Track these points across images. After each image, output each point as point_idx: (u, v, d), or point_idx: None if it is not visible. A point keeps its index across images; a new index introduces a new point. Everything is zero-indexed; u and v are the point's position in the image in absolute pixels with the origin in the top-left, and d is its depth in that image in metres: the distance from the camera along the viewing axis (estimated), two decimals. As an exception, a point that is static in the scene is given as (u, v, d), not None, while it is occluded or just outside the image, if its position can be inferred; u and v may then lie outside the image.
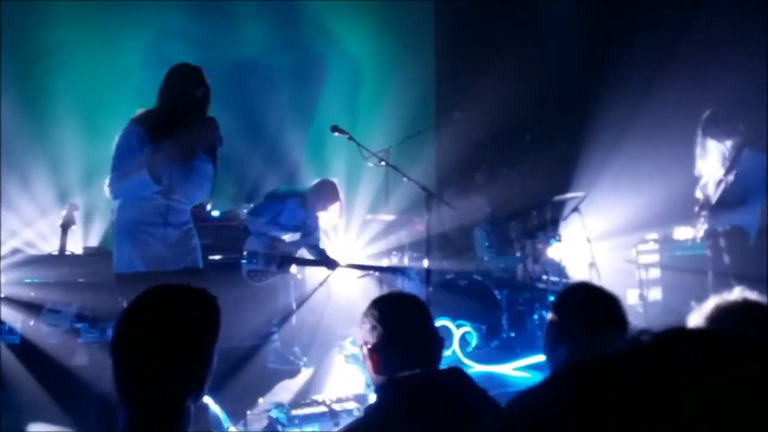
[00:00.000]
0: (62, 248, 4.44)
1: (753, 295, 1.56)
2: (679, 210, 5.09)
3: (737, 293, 1.57)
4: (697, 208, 4.76)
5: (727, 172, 4.49)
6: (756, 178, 4.43)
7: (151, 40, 6.18)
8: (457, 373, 1.55)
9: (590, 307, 1.76)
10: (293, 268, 4.90)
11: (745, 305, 1.53)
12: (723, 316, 1.51)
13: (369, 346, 1.58)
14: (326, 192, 4.79)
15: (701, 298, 1.62)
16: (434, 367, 1.58)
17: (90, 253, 4.92)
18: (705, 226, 4.68)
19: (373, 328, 1.57)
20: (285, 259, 4.72)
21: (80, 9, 5.89)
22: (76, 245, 5.02)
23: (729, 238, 4.56)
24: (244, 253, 4.70)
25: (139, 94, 5.88)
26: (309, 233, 4.88)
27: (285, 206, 4.76)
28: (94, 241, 5.39)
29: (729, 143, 4.51)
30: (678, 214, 5.18)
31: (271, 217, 4.70)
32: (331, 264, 4.80)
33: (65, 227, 4.49)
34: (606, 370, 0.50)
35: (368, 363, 1.59)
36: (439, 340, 1.64)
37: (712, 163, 4.66)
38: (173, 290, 1.34)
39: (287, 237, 4.86)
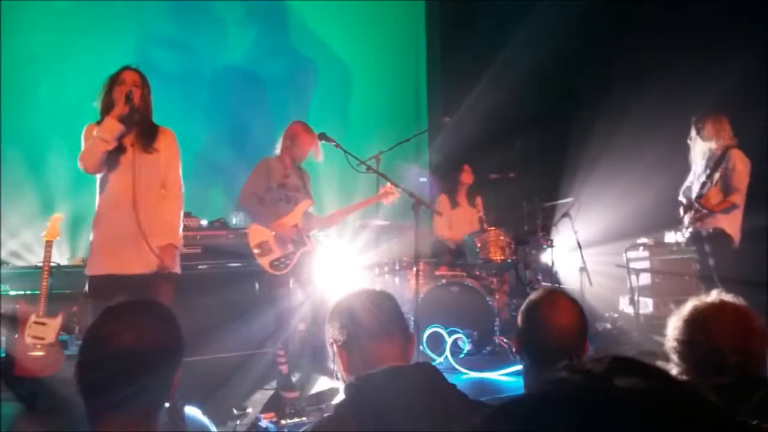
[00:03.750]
0: (47, 259, 4.37)
1: (730, 297, 1.64)
2: (669, 214, 5.10)
3: (714, 295, 1.65)
4: (681, 211, 4.80)
5: (712, 173, 4.53)
6: (740, 181, 4.47)
7: (136, 47, 6.11)
8: (427, 368, 1.53)
9: (546, 314, 1.75)
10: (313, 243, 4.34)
11: (721, 306, 1.60)
12: (700, 316, 1.59)
13: (338, 345, 1.57)
14: (289, 131, 4.31)
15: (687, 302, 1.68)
16: (405, 363, 1.57)
17: (76, 264, 4.85)
18: (690, 229, 4.70)
19: (342, 326, 1.56)
20: (298, 232, 4.18)
21: (63, 15, 5.82)
22: (61, 257, 4.96)
23: (713, 241, 4.59)
24: (253, 248, 4.17)
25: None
26: (305, 189, 4.32)
27: (268, 167, 4.25)
28: (80, 253, 5.32)
29: (715, 144, 4.57)
30: (667, 217, 5.19)
31: (264, 188, 4.19)
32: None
33: (50, 239, 4.41)
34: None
35: (338, 361, 1.58)
36: (409, 336, 1.62)
37: (699, 162, 4.71)
38: (136, 306, 1.38)
39: (299, 205, 4.26)
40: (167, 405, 1.36)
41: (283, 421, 3.23)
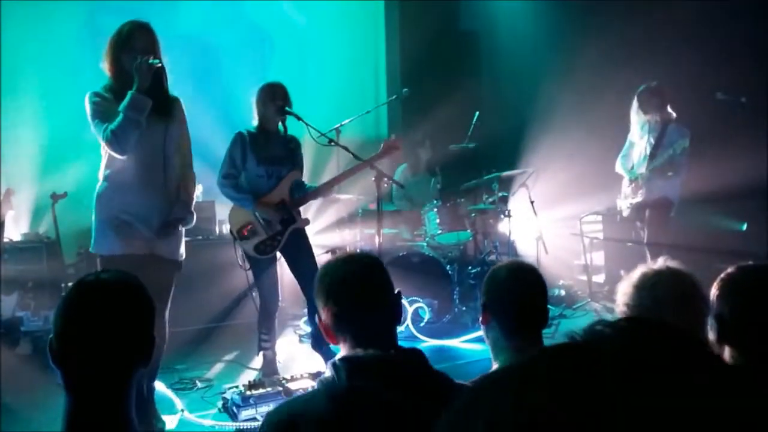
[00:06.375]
0: (1, 235, 4.26)
1: (675, 264, 1.71)
2: (619, 181, 5.28)
3: (661, 261, 1.72)
4: (626, 182, 5.05)
5: (657, 144, 4.77)
6: (681, 151, 4.71)
7: (86, 14, 5.88)
8: (414, 355, 1.45)
9: (515, 285, 1.85)
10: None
11: (667, 273, 1.67)
12: (648, 282, 1.65)
13: (323, 321, 1.50)
14: (256, 97, 3.85)
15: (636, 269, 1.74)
16: (392, 343, 1.49)
17: (30, 240, 4.73)
18: (636, 199, 4.95)
19: (325, 301, 1.47)
20: (284, 210, 3.81)
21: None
22: (12, 232, 4.81)
23: (656, 210, 4.88)
24: (235, 232, 3.81)
25: (75, 69, 5.61)
26: (291, 159, 3.89)
27: (245, 139, 3.79)
28: (27, 228, 5.15)
29: (658, 117, 4.81)
30: (620, 185, 5.36)
31: (239, 167, 3.79)
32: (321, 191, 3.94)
33: (2, 214, 4.30)
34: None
35: (324, 333, 1.51)
36: (397, 312, 1.53)
37: (637, 133, 4.98)
38: (107, 278, 1.38)
39: (285, 178, 3.85)
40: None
41: (248, 392, 3.26)
